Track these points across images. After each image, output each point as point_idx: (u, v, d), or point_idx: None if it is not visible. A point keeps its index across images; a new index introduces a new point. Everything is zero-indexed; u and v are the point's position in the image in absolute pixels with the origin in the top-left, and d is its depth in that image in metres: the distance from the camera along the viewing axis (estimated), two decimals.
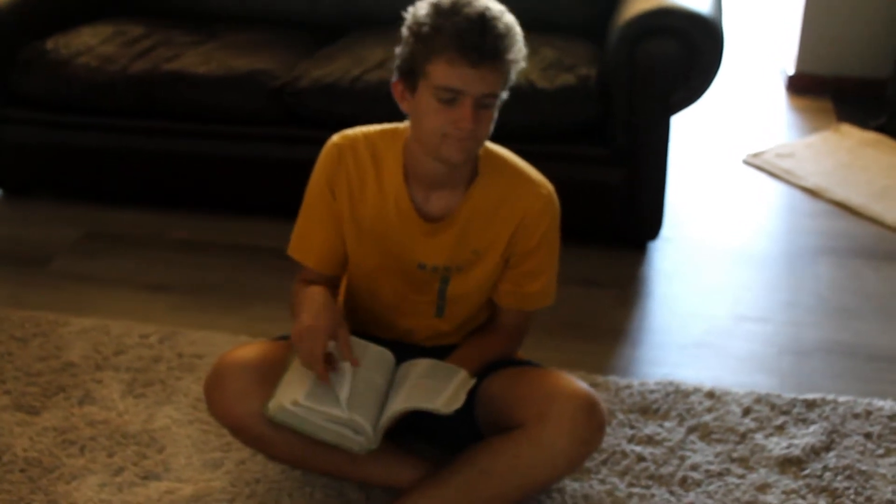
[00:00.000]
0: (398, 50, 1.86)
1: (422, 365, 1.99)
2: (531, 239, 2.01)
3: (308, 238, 2.07)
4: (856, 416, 2.36)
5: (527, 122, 2.93)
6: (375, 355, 1.99)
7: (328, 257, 2.07)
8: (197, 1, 3.76)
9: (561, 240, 2.08)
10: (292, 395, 1.85)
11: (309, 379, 1.87)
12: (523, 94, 2.93)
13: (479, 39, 1.75)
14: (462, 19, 1.76)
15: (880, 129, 3.99)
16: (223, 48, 3.37)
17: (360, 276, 2.09)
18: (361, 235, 2.02)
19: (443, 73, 1.78)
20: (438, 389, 1.90)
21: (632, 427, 2.34)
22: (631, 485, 2.17)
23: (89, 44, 3.36)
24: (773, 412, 2.38)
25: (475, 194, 1.98)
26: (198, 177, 3.39)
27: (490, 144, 2.01)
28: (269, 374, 1.94)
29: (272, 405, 1.85)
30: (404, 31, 1.84)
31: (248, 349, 2.00)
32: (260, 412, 1.91)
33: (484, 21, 1.76)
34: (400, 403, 1.88)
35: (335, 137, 2.02)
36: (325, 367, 1.85)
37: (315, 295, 1.91)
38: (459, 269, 2.02)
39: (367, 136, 2.01)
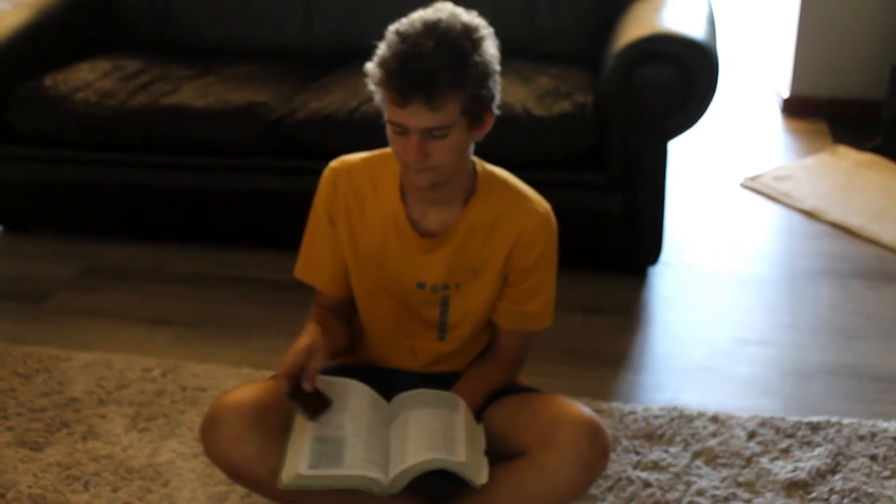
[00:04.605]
0: None
1: (420, 397, 1.96)
2: (528, 256, 2.00)
3: (314, 262, 2.08)
4: (861, 437, 2.36)
5: (524, 150, 2.94)
6: (360, 392, 1.95)
7: (335, 280, 2.07)
8: (193, 35, 3.78)
9: (561, 267, 2.08)
10: (303, 460, 1.80)
11: (313, 438, 1.84)
12: (520, 122, 2.94)
13: (399, 81, 1.72)
14: (391, 58, 1.73)
15: (876, 150, 4.01)
16: (220, 82, 3.38)
17: (361, 298, 2.09)
18: (361, 257, 2.03)
19: (387, 107, 1.79)
20: (452, 438, 1.86)
21: (637, 453, 2.33)
22: None
23: (87, 79, 3.37)
24: (777, 435, 2.37)
25: (472, 211, 1.97)
26: (196, 210, 3.39)
27: (488, 165, 2.01)
28: (265, 417, 1.90)
29: (285, 476, 1.79)
30: None
31: (243, 392, 1.96)
32: (256, 455, 1.88)
33: (407, 60, 1.71)
34: (418, 456, 1.82)
35: (333, 163, 2.04)
36: (284, 384, 1.82)
37: (309, 328, 1.92)
38: (458, 287, 2.01)
39: (364, 159, 2.02)
